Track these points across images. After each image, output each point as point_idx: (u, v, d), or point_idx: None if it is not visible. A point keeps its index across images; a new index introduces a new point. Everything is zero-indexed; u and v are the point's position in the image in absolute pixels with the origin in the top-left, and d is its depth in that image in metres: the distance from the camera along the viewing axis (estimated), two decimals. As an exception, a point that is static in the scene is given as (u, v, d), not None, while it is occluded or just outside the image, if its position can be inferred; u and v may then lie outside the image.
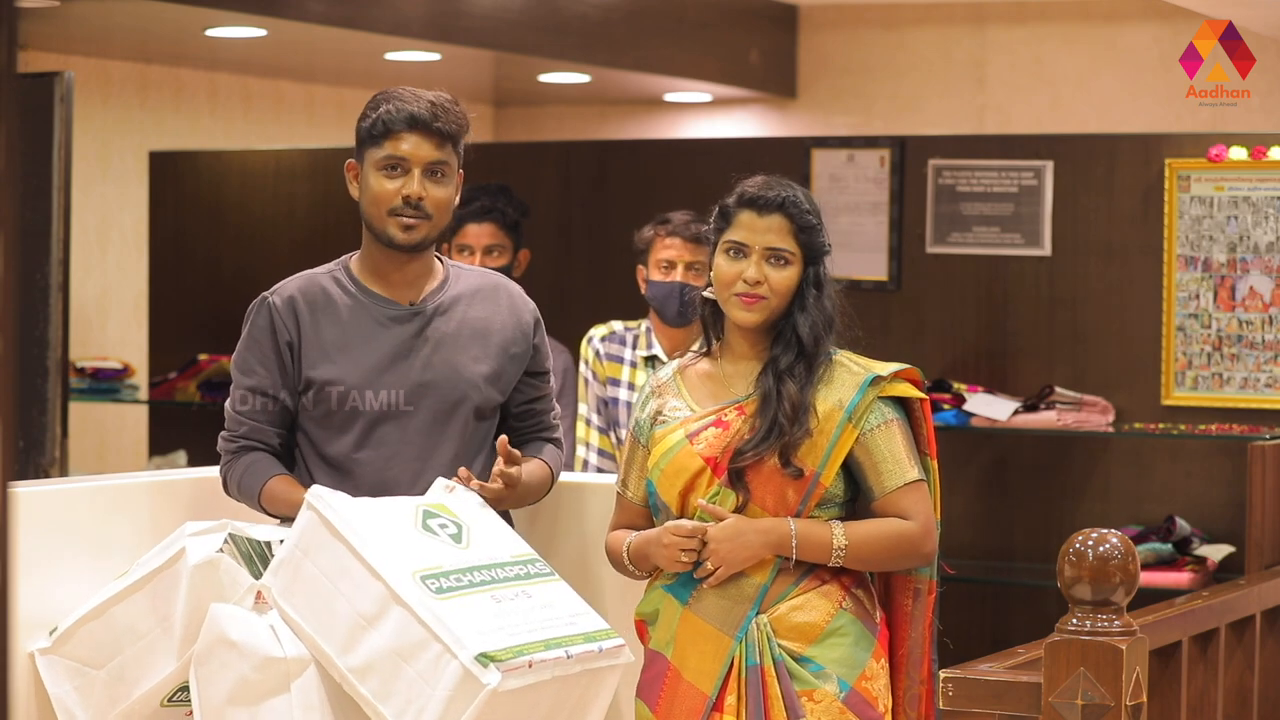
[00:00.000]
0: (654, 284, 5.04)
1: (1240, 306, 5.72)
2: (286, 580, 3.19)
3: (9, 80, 1.55)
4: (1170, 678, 3.95)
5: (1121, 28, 8.54)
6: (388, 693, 3.06)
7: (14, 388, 1.56)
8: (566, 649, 3.11)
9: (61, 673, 3.39)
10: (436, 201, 3.47)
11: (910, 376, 3.44)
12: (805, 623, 3.35)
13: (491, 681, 2.98)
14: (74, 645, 3.40)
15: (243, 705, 3.17)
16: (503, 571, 3.21)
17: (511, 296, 3.58)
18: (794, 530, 3.32)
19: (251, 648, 3.16)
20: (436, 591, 3.08)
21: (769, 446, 3.33)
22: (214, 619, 3.21)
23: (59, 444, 6.22)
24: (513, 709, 3.06)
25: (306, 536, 3.20)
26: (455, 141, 3.51)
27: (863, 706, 3.34)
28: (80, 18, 7.04)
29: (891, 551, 3.37)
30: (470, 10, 7.31)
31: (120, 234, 8.09)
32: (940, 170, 6.10)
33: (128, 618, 3.36)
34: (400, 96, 3.51)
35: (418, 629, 3.04)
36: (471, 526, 3.27)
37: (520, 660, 3.03)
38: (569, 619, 3.19)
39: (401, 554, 3.14)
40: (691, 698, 3.36)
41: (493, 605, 3.12)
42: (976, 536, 5.93)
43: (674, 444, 3.41)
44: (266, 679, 3.16)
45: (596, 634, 3.19)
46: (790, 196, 3.42)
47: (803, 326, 3.39)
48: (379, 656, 3.07)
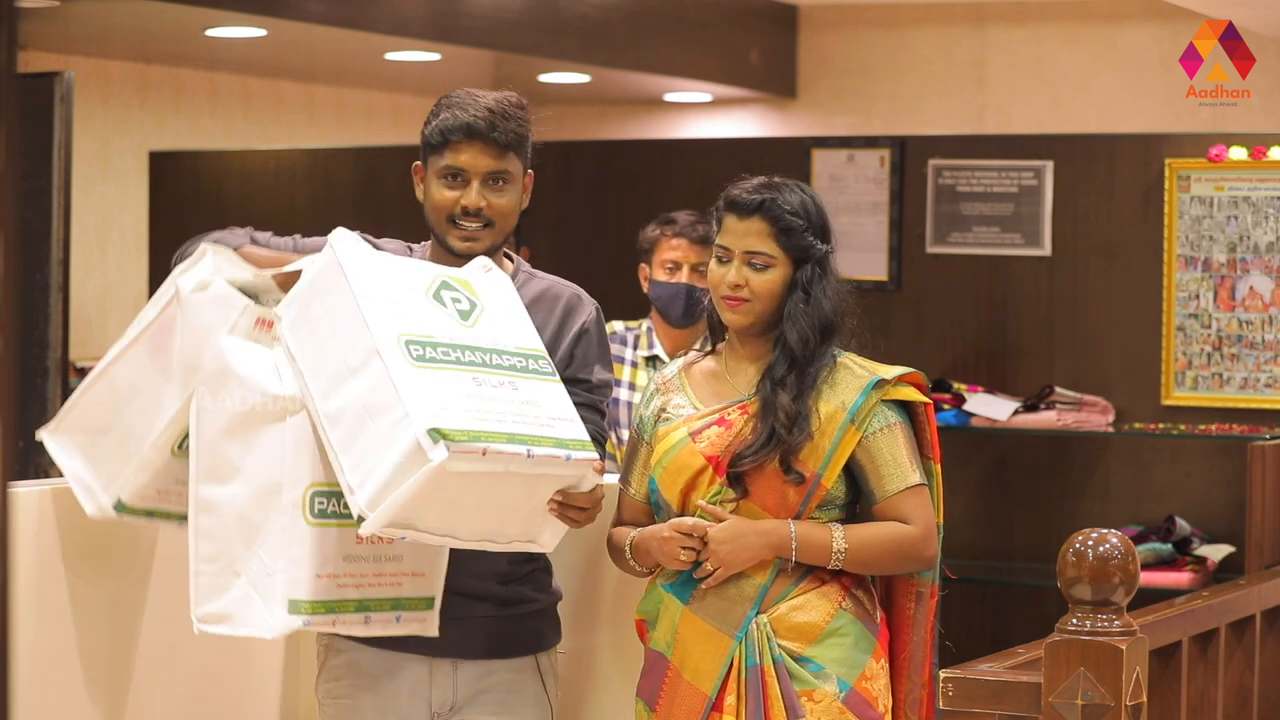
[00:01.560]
0: (658, 284, 5.03)
1: (1240, 306, 5.72)
2: (296, 314, 3.17)
3: (9, 80, 1.55)
4: (1170, 678, 3.95)
5: (1121, 28, 8.54)
6: (349, 445, 3.03)
7: (14, 388, 1.56)
8: (530, 447, 3.02)
9: (70, 447, 3.37)
10: (498, 209, 3.44)
11: (915, 381, 3.43)
12: (805, 623, 3.35)
13: (436, 458, 2.92)
14: (79, 416, 3.38)
15: (237, 437, 3.15)
16: (498, 358, 3.14)
17: (571, 308, 3.51)
18: (794, 533, 3.32)
19: (254, 381, 3.15)
20: (416, 359, 3.03)
21: (767, 453, 3.33)
22: (219, 350, 3.19)
23: (59, 444, 6.21)
24: (460, 492, 3.00)
25: (320, 276, 3.17)
26: (517, 148, 3.46)
27: (862, 707, 3.34)
28: (80, 18, 7.04)
29: (891, 555, 3.36)
30: (470, 10, 7.31)
31: (120, 234, 8.09)
32: (940, 170, 6.11)
33: (128, 376, 3.33)
34: (460, 104, 3.45)
35: (388, 389, 3.00)
36: (488, 308, 3.21)
37: (475, 445, 2.95)
38: (547, 420, 3.10)
39: (396, 314, 3.10)
40: (691, 697, 3.36)
41: (470, 386, 3.05)
42: (976, 536, 5.93)
43: (676, 442, 3.41)
44: (264, 413, 3.15)
45: (570, 442, 3.09)
46: (771, 199, 3.40)
47: (790, 334, 3.38)
48: (350, 408, 3.04)
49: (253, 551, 3.14)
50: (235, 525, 3.15)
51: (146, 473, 3.29)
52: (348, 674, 3.45)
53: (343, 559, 3.12)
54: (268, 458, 3.15)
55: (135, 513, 3.33)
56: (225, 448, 3.16)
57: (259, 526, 3.14)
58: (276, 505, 3.13)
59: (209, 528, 3.17)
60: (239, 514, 3.15)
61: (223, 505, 3.16)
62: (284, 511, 3.13)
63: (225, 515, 3.16)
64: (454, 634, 3.36)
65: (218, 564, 3.16)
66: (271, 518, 3.13)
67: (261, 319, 3.22)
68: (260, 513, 3.14)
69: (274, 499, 3.14)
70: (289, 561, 3.11)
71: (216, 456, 3.16)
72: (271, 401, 3.15)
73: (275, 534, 3.13)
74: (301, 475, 3.13)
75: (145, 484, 3.30)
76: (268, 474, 3.14)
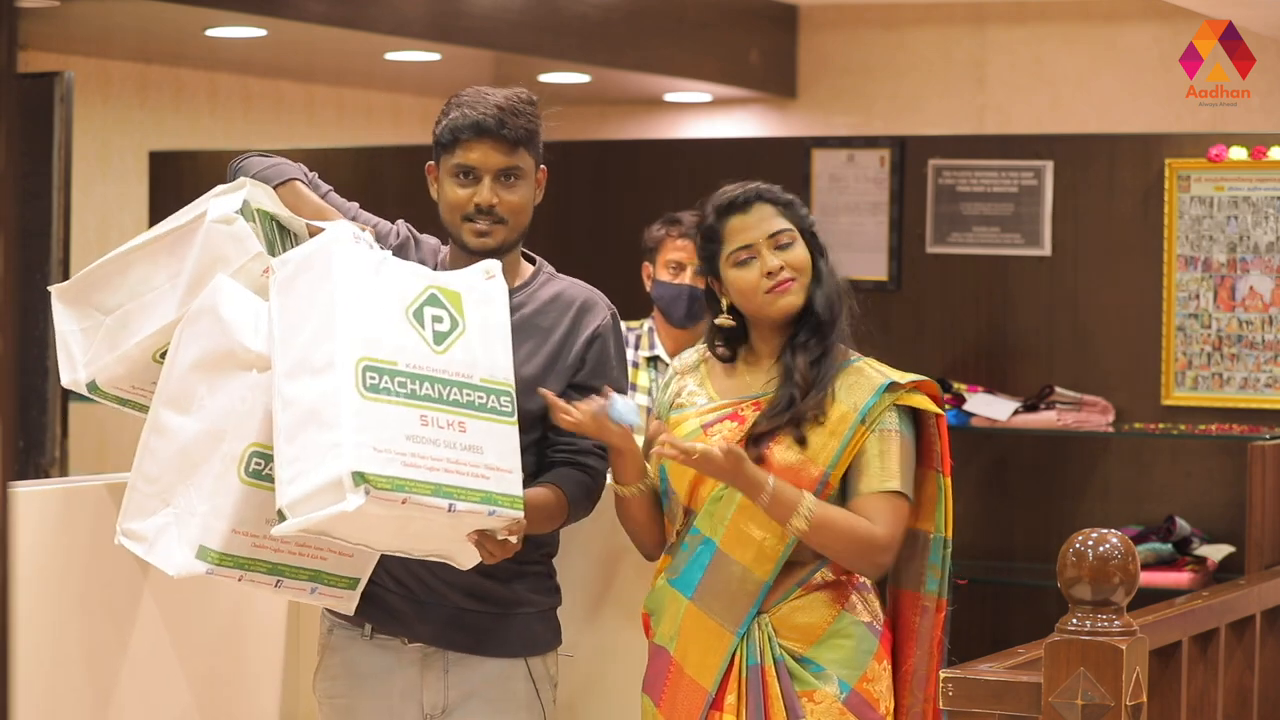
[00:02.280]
0: (661, 284, 5.02)
1: (1240, 306, 5.72)
2: (286, 278, 3.18)
3: (9, 80, 1.55)
4: (1170, 678, 3.95)
5: (1121, 28, 8.54)
6: (292, 436, 3.04)
7: (14, 388, 1.56)
8: (454, 501, 3.02)
9: (73, 314, 3.41)
10: (510, 206, 3.44)
11: (930, 391, 3.42)
12: (807, 623, 3.35)
13: (353, 502, 2.94)
14: (90, 288, 3.41)
15: (205, 374, 3.19)
16: (456, 393, 3.11)
17: (585, 311, 3.51)
18: (771, 483, 3.29)
19: (233, 328, 3.18)
20: (369, 387, 3.02)
21: (784, 418, 3.33)
22: (215, 289, 3.22)
23: (59, 444, 6.23)
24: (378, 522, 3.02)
25: (316, 255, 3.17)
26: (528, 144, 3.46)
27: (863, 708, 3.33)
28: (80, 18, 7.04)
29: (848, 544, 3.32)
30: (470, 10, 7.31)
31: (120, 234, 8.08)
32: (940, 170, 6.11)
33: (144, 269, 3.37)
34: (469, 102, 3.46)
35: (334, 409, 3.00)
36: (469, 329, 3.19)
37: (396, 495, 2.96)
38: (484, 470, 3.09)
39: (366, 331, 3.08)
40: (693, 693, 3.36)
41: (415, 425, 3.04)
42: (976, 536, 5.93)
43: (688, 433, 3.41)
44: (234, 362, 3.18)
45: (499, 497, 3.09)
46: (759, 186, 3.44)
47: (819, 300, 3.40)
48: (303, 402, 3.04)
49: (185, 487, 3.19)
50: (178, 456, 3.20)
51: (125, 366, 3.37)
52: (342, 674, 3.46)
53: (264, 521, 3.13)
54: (224, 404, 3.18)
55: (106, 396, 3.41)
56: (193, 380, 3.20)
57: (197, 467, 3.18)
58: (217, 452, 3.17)
59: (156, 448, 3.23)
60: (184, 447, 3.19)
61: (174, 432, 3.21)
62: (221, 460, 3.16)
63: (172, 443, 3.21)
64: (442, 627, 3.37)
65: (154, 486, 3.22)
66: (209, 462, 3.17)
67: (269, 269, 3.24)
68: (202, 453, 3.18)
69: (217, 444, 3.17)
70: (211, 510, 3.14)
71: (183, 385, 3.22)
72: (242, 352, 3.18)
73: (209, 478, 3.16)
74: (246, 432, 3.15)
75: (121, 376, 3.38)
76: (220, 419, 3.18)
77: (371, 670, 3.43)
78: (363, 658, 3.43)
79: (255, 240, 3.27)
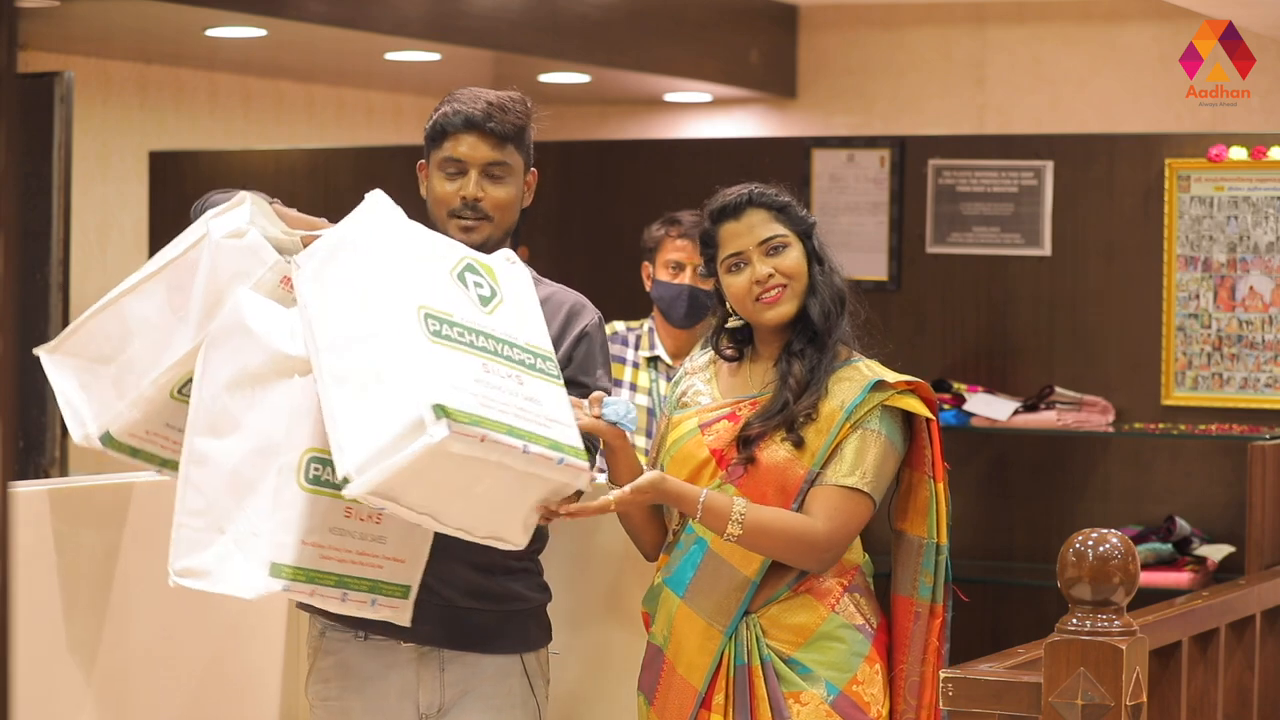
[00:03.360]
0: (660, 284, 5.02)
1: (1240, 306, 5.72)
2: (317, 266, 3.12)
3: (9, 80, 1.55)
4: (1170, 678, 3.95)
5: (1121, 28, 8.54)
6: (350, 407, 2.97)
7: (14, 388, 1.56)
8: (527, 443, 2.97)
9: (68, 370, 3.33)
10: (495, 202, 3.45)
11: (924, 394, 3.40)
12: (796, 624, 3.34)
13: (437, 435, 2.87)
14: (82, 340, 3.33)
15: (241, 393, 3.11)
16: (509, 350, 3.10)
17: (573, 314, 3.51)
18: (701, 500, 3.29)
19: (267, 339, 3.11)
20: (432, 333, 2.99)
21: (777, 421, 3.33)
22: (236, 304, 3.15)
23: (59, 444, 6.22)
24: (450, 475, 2.95)
25: (352, 233, 3.14)
26: (516, 141, 3.47)
27: (852, 711, 3.32)
28: (80, 18, 7.04)
29: (786, 544, 3.30)
30: (470, 10, 7.31)
31: (120, 234, 8.09)
32: (940, 170, 6.11)
33: (140, 311, 3.28)
34: (460, 98, 3.48)
35: (400, 358, 2.95)
36: (507, 299, 3.18)
37: (475, 430, 2.90)
38: (546, 420, 3.06)
39: (420, 286, 3.06)
40: (683, 691, 3.36)
41: (479, 371, 3.01)
42: (976, 536, 5.93)
43: (686, 432, 3.42)
44: (272, 373, 3.11)
45: (565, 446, 3.05)
46: (751, 189, 3.42)
47: (813, 308, 3.39)
48: (358, 369, 2.99)
49: (242, 510, 3.09)
50: (227, 481, 3.10)
51: (141, 409, 3.25)
52: (336, 675, 3.45)
53: (329, 530, 3.08)
54: (270, 417, 3.11)
55: (121, 448, 3.29)
56: (228, 401, 3.11)
57: (251, 485, 3.10)
58: (271, 466, 3.09)
59: (199, 480, 3.12)
60: (233, 470, 3.10)
61: (217, 459, 3.12)
62: (278, 473, 3.08)
63: (219, 469, 3.11)
64: (439, 626, 3.37)
65: (204, 518, 3.12)
66: (265, 478, 3.09)
67: (287, 278, 3.18)
68: (254, 471, 3.10)
69: (270, 459, 3.09)
70: (277, 524, 3.07)
71: (218, 409, 3.12)
72: (282, 361, 3.10)
73: (267, 495, 3.09)
74: (300, 439, 3.08)
75: (137, 421, 3.25)
76: (267, 433, 3.10)
77: (367, 672, 3.42)
78: (357, 659, 3.43)
79: (271, 249, 3.21)
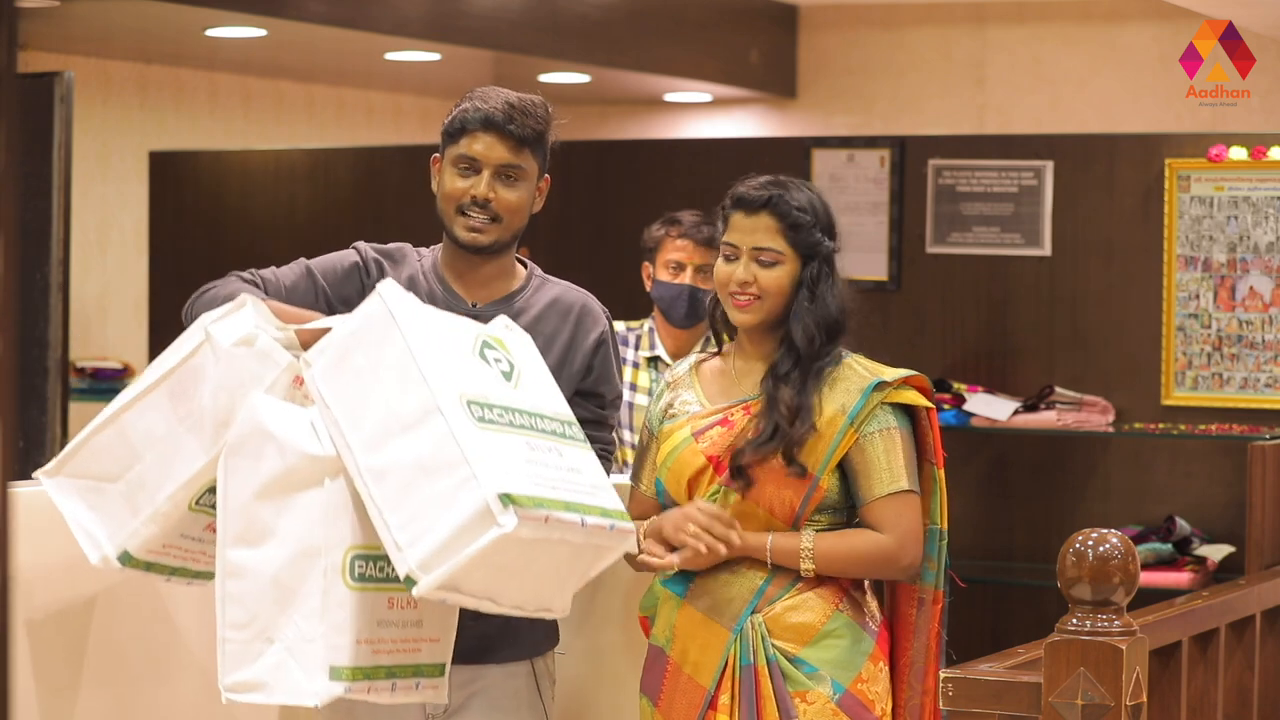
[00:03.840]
0: (661, 284, 5.01)
1: (1240, 306, 5.72)
2: (331, 362, 3.08)
3: (9, 80, 1.55)
4: (1170, 678, 3.95)
5: (1121, 28, 8.55)
6: (399, 502, 2.95)
7: (14, 388, 1.56)
8: (584, 517, 2.99)
9: (73, 493, 3.26)
10: (506, 204, 3.43)
11: (919, 384, 3.42)
12: (801, 623, 3.35)
13: (507, 525, 2.87)
14: (83, 461, 3.26)
15: (271, 499, 3.06)
16: (542, 423, 3.10)
17: (584, 316, 3.50)
18: (769, 546, 3.33)
19: (291, 442, 3.05)
20: (479, 420, 2.98)
21: (771, 448, 3.33)
22: (253, 409, 3.08)
23: (59, 444, 6.22)
24: (514, 558, 2.96)
25: (367, 325, 3.09)
26: (534, 146, 3.45)
27: (857, 709, 3.33)
28: (80, 18, 7.04)
29: (860, 563, 3.35)
30: (470, 10, 7.31)
31: (120, 234, 8.09)
32: (940, 170, 6.11)
33: (144, 422, 3.21)
34: (483, 96, 3.46)
35: (452, 449, 2.93)
36: (523, 370, 3.18)
37: (539, 512, 2.92)
38: (590, 489, 3.07)
39: (454, 372, 3.04)
40: (691, 691, 3.36)
41: (526, 451, 3.01)
42: (976, 536, 5.93)
43: (680, 441, 3.41)
44: (301, 475, 3.06)
45: (613, 512, 3.07)
46: (778, 195, 3.40)
47: (796, 331, 3.37)
48: (401, 464, 2.96)
49: (289, 617, 3.05)
50: (268, 590, 3.05)
51: (158, 525, 3.19)
52: None
53: (377, 624, 3.06)
54: (304, 520, 3.06)
55: (139, 565, 3.23)
56: (258, 510, 3.06)
57: (295, 591, 3.05)
58: (314, 569, 3.04)
59: (239, 593, 3.07)
60: (273, 578, 3.05)
61: (255, 569, 3.06)
62: (323, 575, 3.04)
63: (257, 579, 3.06)
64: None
65: (248, 630, 3.07)
66: (309, 582, 3.04)
67: (298, 376, 3.13)
68: (296, 578, 3.05)
69: (311, 563, 3.05)
70: (330, 627, 3.03)
71: (249, 519, 3.07)
72: (309, 463, 3.05)
73: (314, 598, 3.04)
74: (341, 538, 3.04)
75: (154, 536, 3.20)
76: (304, 537, 3.05)
77: None
78: None
79: (284, 352, 3.15)
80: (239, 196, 7.31)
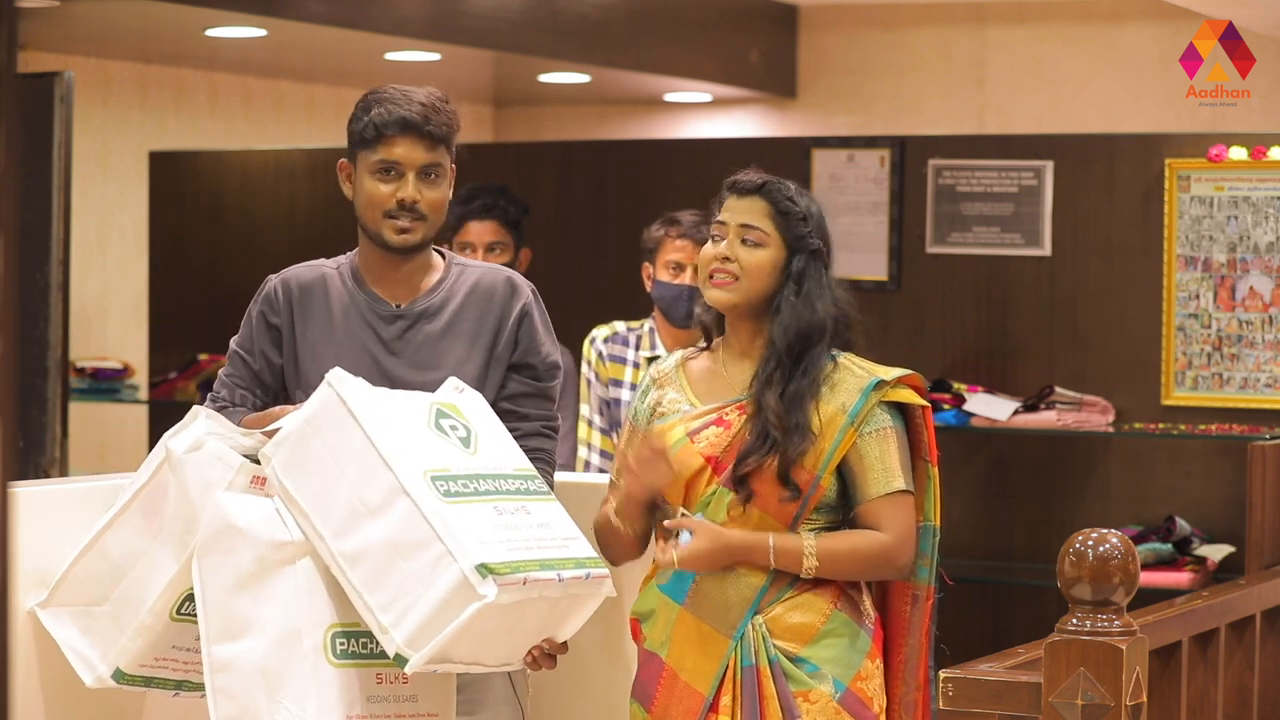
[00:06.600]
0: (661, 284, 5.01)
1: (1240, 306, 5.72)
2: (289, 455, 3.16)
3: (9, 80, 1.55)
4: (1170, 678, 3.95)
5: (1121, 28, 8.54)
6: (377, 584, 3.04)
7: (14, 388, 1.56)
8: (559, 572, 3.09)
9: (65, 620, 3.34)
10: (431, 203, 3.49)
11: (913, 383, 3.42)
12: (800, 623, 3.35)
13: (488, 595, 2.98)
14: (71, 589, 3.34)
15: (247, 590, 3.13)
16: (505, 483, 3.18)
17: (506, 293, 3.54)
18: (772, 546, 3.33)
19: (258, 533, 3.14)
20: (444, 494, 3.07)
21: (765, 455, 3.33)
22: (217, 507, 3.17)
23: (59, 444, 6.22)
24: (497, 623, 3.04)
25: (321, 414, 3.17)
26: (448, 142, 3.52)
27: (858, 707, 3.34)
28: (80, 18, 7.04)
29: (861, 562, 3.35)
30: (470, 10, 7.31)
31: (120, 234, 8.09)
32: (940, 170, 6.11)
33: (121, 544, 3.31)
34: (392, 99, 3.51)
35: (422, 528, 3.02)
36: (480, 433, 3.25)
37: (516, 577, 3.01)
38: (562, 542, 3.17)
39: (414, 450, 3.12)
40: (689, 698, 3.36)
41: (494, 516, 3.10)
42: (976, 536, 5.93)
43: (674, 441, 3.41)
44: (272, 561, 3.13)
45: (586, 561, 3.17)
46: (773, 182, 3.42)
47: (776, 331, 3.37)
48: (374, 547, 3.05)
49: (278, 703, 3.11)
50: (256, 679, 3.12)
51: (144, 638, 3.28)
52: None
53: (366, 699, 3.13)
54: (282, 606, 3.13)
55: (134, 680, 3.32)
56: (236, 603, 3.14)
57: (281, 676, 3.12)
58: (298, 652, 3.12)
59: (227, 686, 3.13)
60: (258, 667, 3.12)
61: (240, 661, 3.13)
62: (306, 656, 3.11)
63: (243, 671, 3.13)
64: None
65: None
66: (294, 665, 3.12)
67: (257, 477, 3.21)
68: (280, 663, 3.12)
69: (293, 646, 3.12)
70: (319, 706, 3.10)
71: (228, 613, 3.14)
72: (279, 549, 3.13)
73: (299, 680, 3.11)
74: (320, 618, 3.13)
75: (143, 650, 3.29)
76: (284, 622, 3.13)
77: None
78: None
79: (234, 454, 3.24)
80: (239, 196, 7.31)
